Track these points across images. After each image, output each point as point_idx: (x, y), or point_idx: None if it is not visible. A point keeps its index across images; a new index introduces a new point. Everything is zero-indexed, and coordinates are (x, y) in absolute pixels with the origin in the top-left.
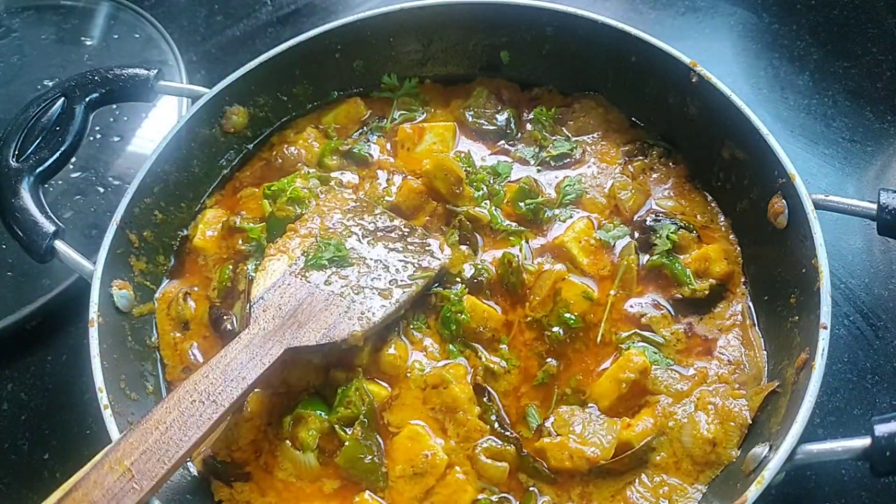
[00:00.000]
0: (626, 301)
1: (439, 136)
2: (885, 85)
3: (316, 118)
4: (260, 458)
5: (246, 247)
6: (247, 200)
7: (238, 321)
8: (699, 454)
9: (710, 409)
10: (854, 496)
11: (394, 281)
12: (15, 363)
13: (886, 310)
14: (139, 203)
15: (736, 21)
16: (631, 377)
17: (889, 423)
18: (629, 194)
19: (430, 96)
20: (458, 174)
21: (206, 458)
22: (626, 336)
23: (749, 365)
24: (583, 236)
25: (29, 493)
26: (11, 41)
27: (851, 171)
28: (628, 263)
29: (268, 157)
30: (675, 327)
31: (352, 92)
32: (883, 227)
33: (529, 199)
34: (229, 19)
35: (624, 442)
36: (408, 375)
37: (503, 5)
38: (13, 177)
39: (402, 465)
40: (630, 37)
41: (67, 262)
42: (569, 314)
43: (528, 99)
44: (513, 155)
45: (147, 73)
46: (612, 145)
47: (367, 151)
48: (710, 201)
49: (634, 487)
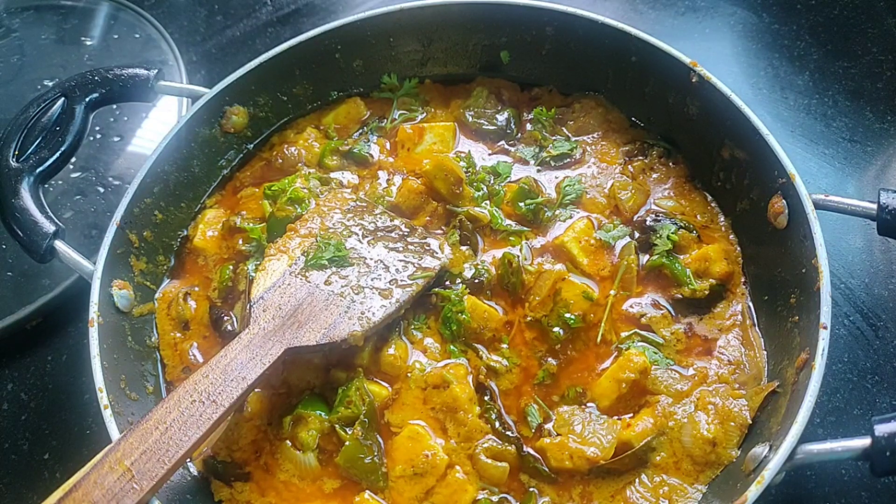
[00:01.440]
0: (626, 301)
1: (439, 136)
2: (885, 85)
3: (316, 118)
4: (260, 458)
5: (246, 247)
6: (247, 200)
7: (238, 321)
8: (699, 454)
9: (710, 409)
10: (854, 496)
11: (394, 281)
12: (15, 363)
13: (886, 310)
14: (139, 203)
15: (736, 21)
16: (631, 377)
17: (889, 423)
18: (629, 194)
19: (430, 96)
20: (458, 174)
21: (207, 458)
22: (627, 336)
23: (749, 365)
24: (583, 236)
25: (29, 493)
26: (11, 41)
27: (851, 171)
28: (628, 263)
29: (268, 157)
30: (675, 327)
31: (352, 92)
32: (883, 227)
33: (529, 199)
34: (229, 19)
35: (624, 442)
36: (408, 375)
37: (503, 5)
38: (13, 177)
39: (402, 465)
40: (630, 37)
41: (67, 262)
42: (569, 314)
43: (528, 99)
44: (513, 155)
45: (147, 73)
46: (612, 145)
47: (367, 151)
48: (710, 201)
49: (634, 487)
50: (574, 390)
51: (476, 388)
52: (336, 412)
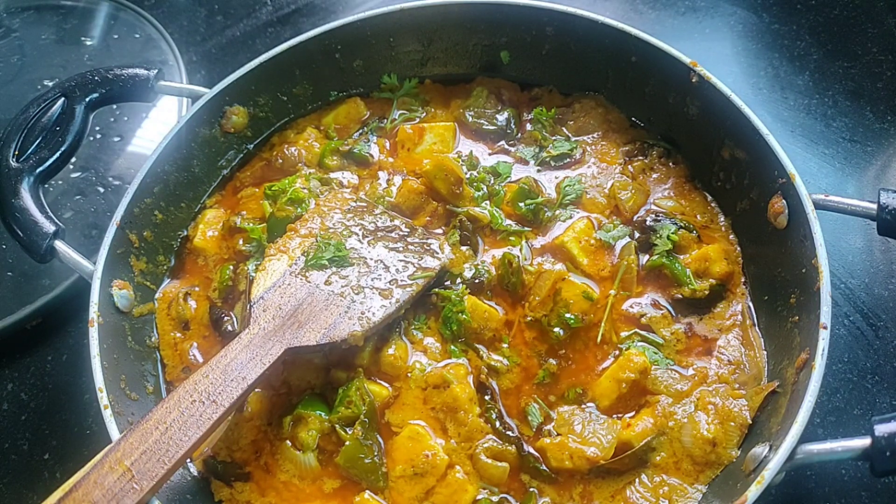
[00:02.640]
0: (626, 301)
1: (439, 136)
2: (885, 85)
3: (316, 118)
4: (260, 459)
5: (247, 247)
6: (247, 201)
7: (238, 321)
8: (699, 454)
9: (710, 410)
10: (854, 496)
11: (394, 281)
12: (15, 363)
13: (886, 310)
14: (139, 203)
15: (736, 21)
16: (631, 377)
17: (889, 423)
18: (629, 194)
19: (430, 96)
20: (458, 174)
21: (207, 458)
22: (627, 336)
23: (749, 365)
24: (583, 236)
25: (29, 493)
26: (11, 41)
27: (851, 171)
28: (628, 263)
29: (268, 157)
30: (675, 327)
31: (352, 92)
32: (883, 227)
33: (529, 199)
34: (229, 19)
35: (624, 442)
36: (409, 375)
37: (503, 5)
38: (13, 177)
39: (402, 465)
40: (630, 37)
41: (67, 262)
42: (569, 314)
43: (527, 99)
44: (513, 155)
45: (147, 73)
46: (612, 145)
47: (367, 152)
48: (710, 201)
49: (634, 487)
50: (574, 391)
51: (477, 388)
52: (336, 412)
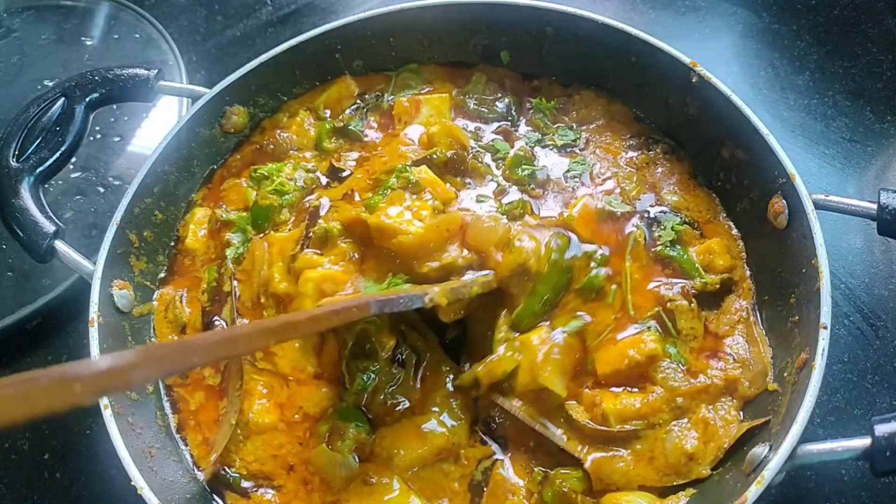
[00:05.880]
0: (653, 279)
1: (436, 108)
2: (885, 85)
3: (309, 100)
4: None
5: (229, 236)
6: (228, 192)
7: (228, 326)
8: (674, 461)
9: (699, 422)
10: (854, 496)
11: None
12: (15, 363)
13: (886, 310)
14: (139, 203)
15: (736, 21)
16: (636, 358)
17: (889, 423)
18: (633, 184)
19: (432, 76)
20: (464, 142)
21: (218, 470)
22: (650, 315)
23: (754, 361)
24: (585, 211)
25: (29, 493)
26: (11, 41)
27: (851, 171)
28: (636, 237)
29: (259, 141)
30: (696, 323)
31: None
32: (883, 227)
33: (525, 164)
34: (229, 19)
35: (605, 415)
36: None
37: (503, 5)
38: (13, 177)
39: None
40: (630, 37)
41: (67, 262)
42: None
43: (529, 89)
44: (513, 138)
45: (147, 73)
46: (616, 137)
47: (360, 129)
48: (713, 198)
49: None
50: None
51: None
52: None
